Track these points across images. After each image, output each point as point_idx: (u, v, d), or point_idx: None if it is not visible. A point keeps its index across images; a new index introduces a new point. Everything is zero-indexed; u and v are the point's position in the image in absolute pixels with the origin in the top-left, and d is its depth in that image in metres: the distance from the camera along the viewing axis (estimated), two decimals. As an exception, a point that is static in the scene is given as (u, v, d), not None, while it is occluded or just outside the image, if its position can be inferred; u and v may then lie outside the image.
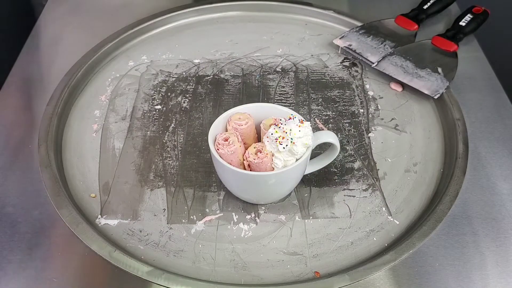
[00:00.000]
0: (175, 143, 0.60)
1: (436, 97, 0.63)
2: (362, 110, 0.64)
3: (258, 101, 0.65)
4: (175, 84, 0.68)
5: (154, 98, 0.66)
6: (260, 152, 0.48)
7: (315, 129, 0.62)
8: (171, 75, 0.70)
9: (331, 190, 0.55)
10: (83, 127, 0.62)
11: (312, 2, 0.80)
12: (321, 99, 0.66)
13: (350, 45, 0.72)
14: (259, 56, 0.73)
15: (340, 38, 0.73)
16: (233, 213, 0.53)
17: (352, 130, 0.62)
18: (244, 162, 0.48)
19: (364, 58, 0.70)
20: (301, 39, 0.76)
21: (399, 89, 0.67)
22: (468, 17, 0.74)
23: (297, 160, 0.47)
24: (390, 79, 0.68)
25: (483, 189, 0.55)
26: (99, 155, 0.58)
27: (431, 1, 0.77)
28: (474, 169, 0.56)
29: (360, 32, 0.74)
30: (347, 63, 0.72)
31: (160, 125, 0.62)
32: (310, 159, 0.52)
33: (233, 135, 0.49)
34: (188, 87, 0.68)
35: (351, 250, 0.50)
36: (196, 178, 0.56)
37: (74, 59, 0.69)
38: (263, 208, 0.53)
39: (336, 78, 0.69)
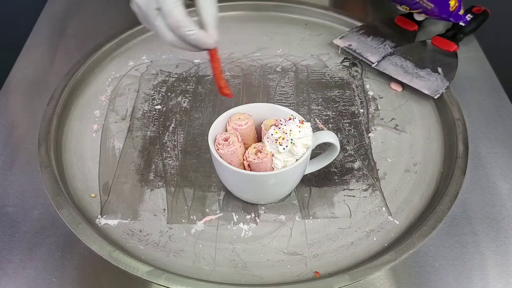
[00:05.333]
0: (175, 143, 0.60)
1: (436, 97, 0.63)
2: (362, 110, 0.64)
3: (258, 101, 0.65)
4: (175, 84, 0.68)
5: (154, 98, 0.66)
6: (260, 152, 0.48)
7: (315, 129, 0.62)
8: (171, 75, 0.70)
9: (331, 190, 0.55)
10: (83, 127, 0.62)
11: (312, 2, 0.80)
12: (321, 99, 0.66)
13: (350, 45, 0.72)
14: (259, 56, 0.73)
15: (340, 38, 0.73)
16: (233, 213, 0.53)
17: (352, 130, 0.62)
18: (244, 162, 0.48)
19: (364, 58, 0.70)
20: (301, 39, 0.76)
21: (399, 89, 0.67)
22: (468, 17, 0.74)
23: (297, 160, 0.47)
24: (390, 79, 0.68)
25: (483, 189, 0.55)
26: (99, 155, 0.58)
27: (431, 1, 0.77)
28: (474, 169, 0.56)
29: (360, 32, 0.74)
30: (347, 63, 0.72)
31: (160, 125, 0.62)
32: (310, 159, 0.52)
33: (233, 135, 0.49)
34: (188, 87, 0.68)
35: (351, 250, 0.50)
36: (196, 178, 0.56)
37: (74, 59, 0.69)
38: (263, 208, 0.53)
39: (336, 78, 0.69)
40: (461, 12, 0.68)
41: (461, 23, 0.73)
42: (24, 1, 0.99)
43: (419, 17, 0.74)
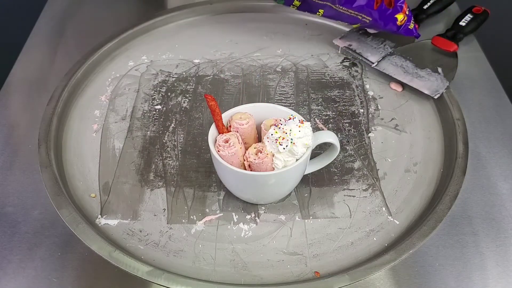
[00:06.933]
0: (175, 143, 0.60)
1: (436, 97, 0.63)
2: (362, 110, 0.64)
3: (258, 101, 0.65)
4: (175, 84, 0.68)
5: (154, 98, 0.66)
6: (261, 152, 0.48)
7: (315, 129, 0.62)
8: (171, 75, 0.70)
9: (331, 190, 0.55)
10: (83, 127, 0.62)
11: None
12: (321, 99, 0.66)
13: (350, 45, 0.72)
14: (259, 56, 0.73)
15: (340, 38, 0.73)
16: (233, 213, 0.53)
17: (352, 130, 0.62)
18: (245, 162, 0.48)
19: (364, 58, 0.70)
20: (301, 39, 0.76)
21: (399, 89, 0.67)
22: (468, 17, 0.74)
23: (297, 160, 0.47)
24: (390, 79, 0.68)
25: (483, 189, 0.55)
26: (99, 155, 0.58)
27: (431, 1, 0.77)
28: (474, 169, 0.56)
29: (360, 32, 0.74)
30: (347, 63, 0.72)
31: (160, 125, 0.62)
32: (310, 159, 0.52)
33: (233, 136, 0.49)
34: (188, 87, 0.68)
35: (351, 250, 0.50)
36: (196, 178, 0.56)
37: (74, 59, 0.69)
38: (263, 208, 0.53)
39: (336, 78, 0.69)
40: (411, 26, 0.67)
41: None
42: (24, 1, 0.99)
43: (371, 30, 0.73)
